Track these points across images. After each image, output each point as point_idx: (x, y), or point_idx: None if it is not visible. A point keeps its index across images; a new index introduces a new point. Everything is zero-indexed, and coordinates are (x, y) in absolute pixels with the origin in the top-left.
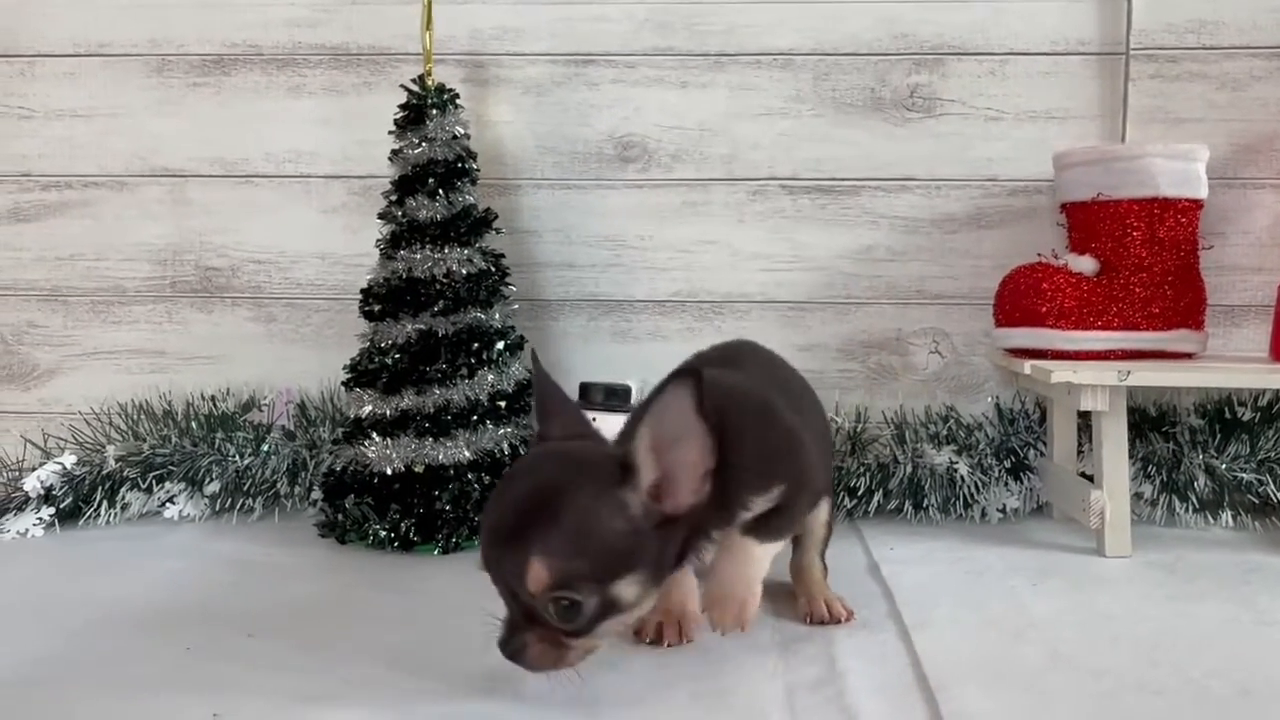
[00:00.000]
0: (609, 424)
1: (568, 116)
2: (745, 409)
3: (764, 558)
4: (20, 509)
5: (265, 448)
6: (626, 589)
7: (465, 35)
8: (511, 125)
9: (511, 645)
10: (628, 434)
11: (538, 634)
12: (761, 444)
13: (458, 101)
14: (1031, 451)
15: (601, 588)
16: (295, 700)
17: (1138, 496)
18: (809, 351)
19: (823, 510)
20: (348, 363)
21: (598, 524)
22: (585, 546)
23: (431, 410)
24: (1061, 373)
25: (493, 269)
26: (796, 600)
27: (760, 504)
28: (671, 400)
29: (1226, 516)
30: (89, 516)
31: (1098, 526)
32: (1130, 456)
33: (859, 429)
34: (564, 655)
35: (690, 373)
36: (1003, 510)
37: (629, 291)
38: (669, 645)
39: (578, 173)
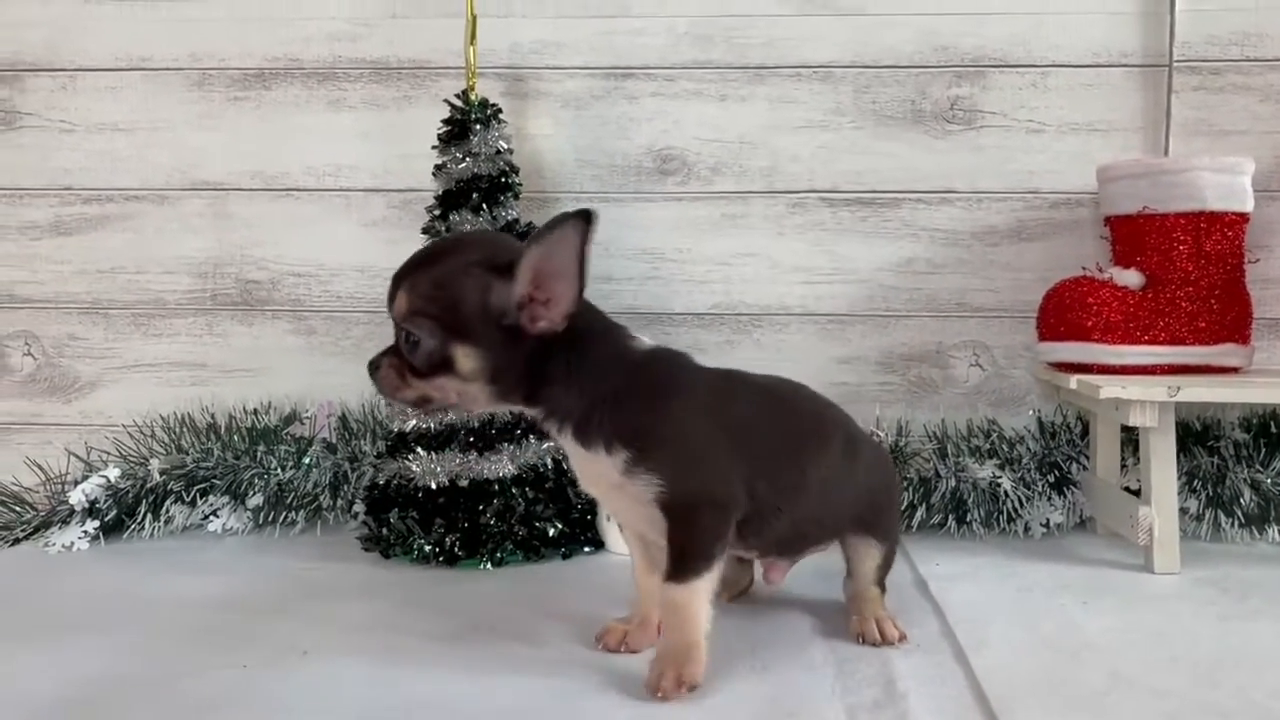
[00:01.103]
0: None
1: (607, 130)
2: (662, 379)
3: (688, 601)
4: (65, 522)
5: (307, 461)
6: (463, 356)
7: (505, 49)
8: (551, 139)
9: (373, 361)
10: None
11: (391, 360)
12: (636, 403)
13: (501, 116)
14: (1074, 466)
15: (444, 338)
16: None
17: (1183, 511)
18: (849, 364)
19: (870, 556)
20: None
21: (458, 287)
22: (442, 297)
23: (476, 425)
24: (1110, 388)
25: None
26: (849, 619)
27: (627, 465)
28: (561, 236)
29: (1273, 531)
30: (133, 529)
31: (1146, 543)
32: (1175, 471)
33: (901, 442)
34: (402, 387)
35: (583, 214)
36: (1046, 525)
37: (667, 304)
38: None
39: (617, 186)
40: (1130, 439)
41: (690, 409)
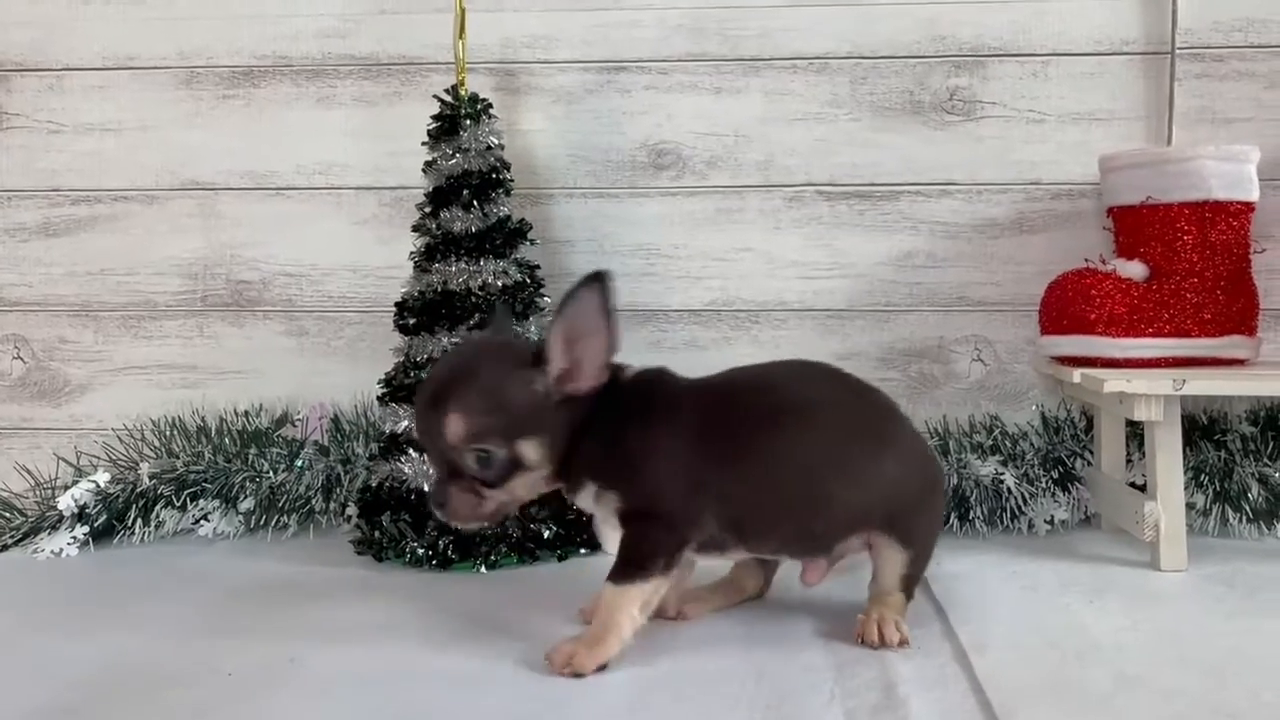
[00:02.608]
0: None
1: (600, 124)
2: (635, 408)
3: (612, 600)
4: (54, 528)
5: (299, 463)
6: (530, 450)
7: (496, 44)
8: (543, 134)
9: (437, 496)
10: (547, 329)
11: (459, 485)
12: (613, 440)
13: (491, 111)
14: (1078, 461)
15: (509, 443)
16: None
17: (1190, 507)
18: (848, 360)
19: (893, 560)
20: (383, 377)
21: (506, 392)
22: (496, 407)
23: None
24: (1115, 382)
25: (528, 281)
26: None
27: (589, 491)
28: (583, 301)
29: None
30: (123, 535)
31: (1152, 539)
32: (1182, 466)
33: None
34: (481, 505)
35: (598, 276)
36: (1050, 522)
37: (664, 301)
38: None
39: (611, 181)
40: (1135, 433)
41: (653, 433)
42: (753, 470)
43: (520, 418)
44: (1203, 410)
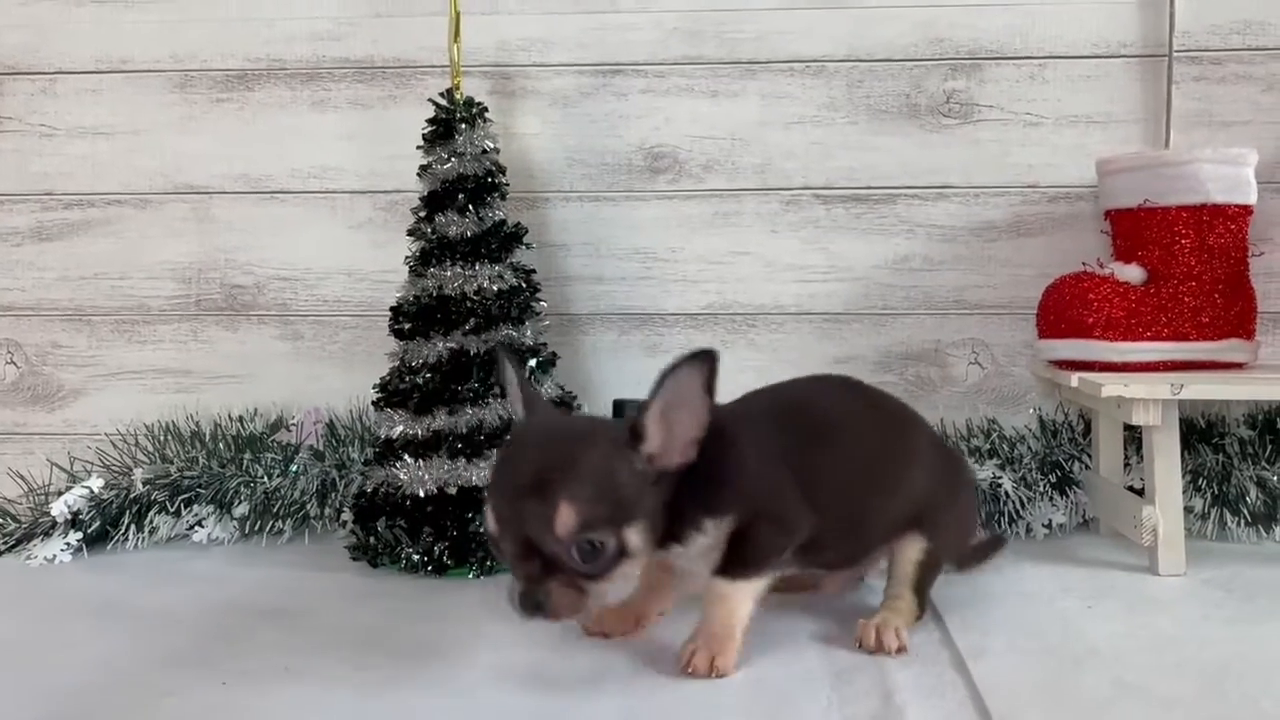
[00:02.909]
0: None
1: (596, 128)
2: (716, 440)
3: (732, 596)
4: (47, 534)
5: (294, 468)
6: (635, 535)
7: (492, 47)
8: (539, 137)
9: (533, 598)
10: (643, 405)
11: (559, 581)
12: (712, 469)
13: (486, 115)
14: (1076, 465)
15: (617, 531)
16: None
17: (1188, 510)
18: (846, 364)
19: (911, 548)
20: (378, 382)
21: (613, 475)
22: (604, 493)
23: (464, 430)
24: (1112, 386)
25: (524, 285)
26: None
27: (711, 529)
28: (684, 377)
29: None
30: (117, 541)
31: (1150, 544)
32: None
33: None
34: (583, 600)
35: (705, 354)
36: (1048, 526)
37: (660, 305)
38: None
39: (607, 185)
40: (1133, 437)
41: (745, 454)
42: (824, 488)
43: (627, 502)
44: (1201, 414)
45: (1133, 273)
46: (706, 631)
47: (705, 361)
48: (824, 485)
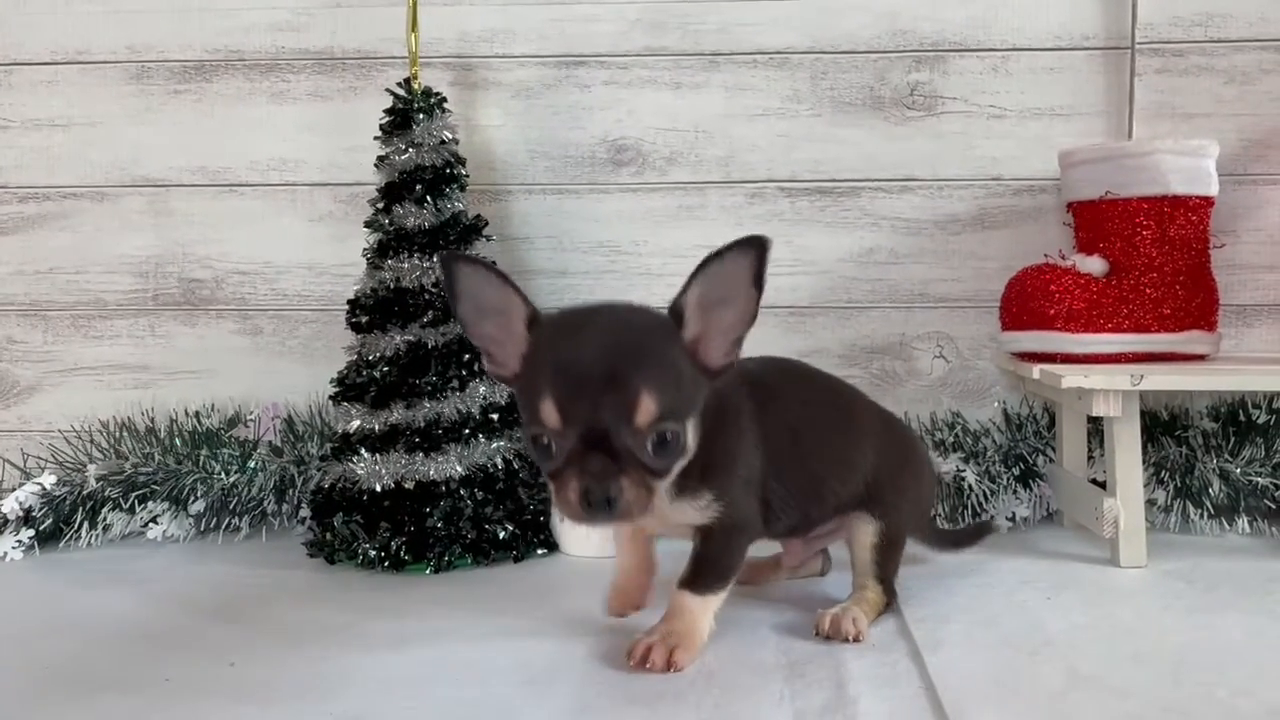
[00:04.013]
0: None
1: (559, 120)
2: (731, 406)
3: (697, 609)
4: None
5: (251, 465)
6: (691, 431)
7: (453, 37)
8: (501, 129)
9: (606, 490)
10: (682, 288)
11: (629, 479)
12: (721, 444)
13: (445, 105)
14: (1040, 458)
15: (683, 423)
16: None
17: (1150, 503)
18: (811, 357)
19: (864, 532)
20: (335, 376)
21: (678, 365)
22: (675, 384)
23: (422, 424)
24: (1072, 378)
25: None
26: None
27: (691, 500)
28: (730, 263)
29: (1242, 522)
30: (69, 538)
31: (1112, 535)
32: (1142, 462)
33: None
34: (649, 498)
35: (755, 241)
36: (1012, 519)
37: (625, 298)
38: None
39: (570, 177)
40: (1097, 430)
41: (742, 440)
42: (786, 465)
43: (690, 394)
44: (1164, 406)
45: (1094, 264)
46: (666, 629)
47: (754, 248)
48: (774, 450)
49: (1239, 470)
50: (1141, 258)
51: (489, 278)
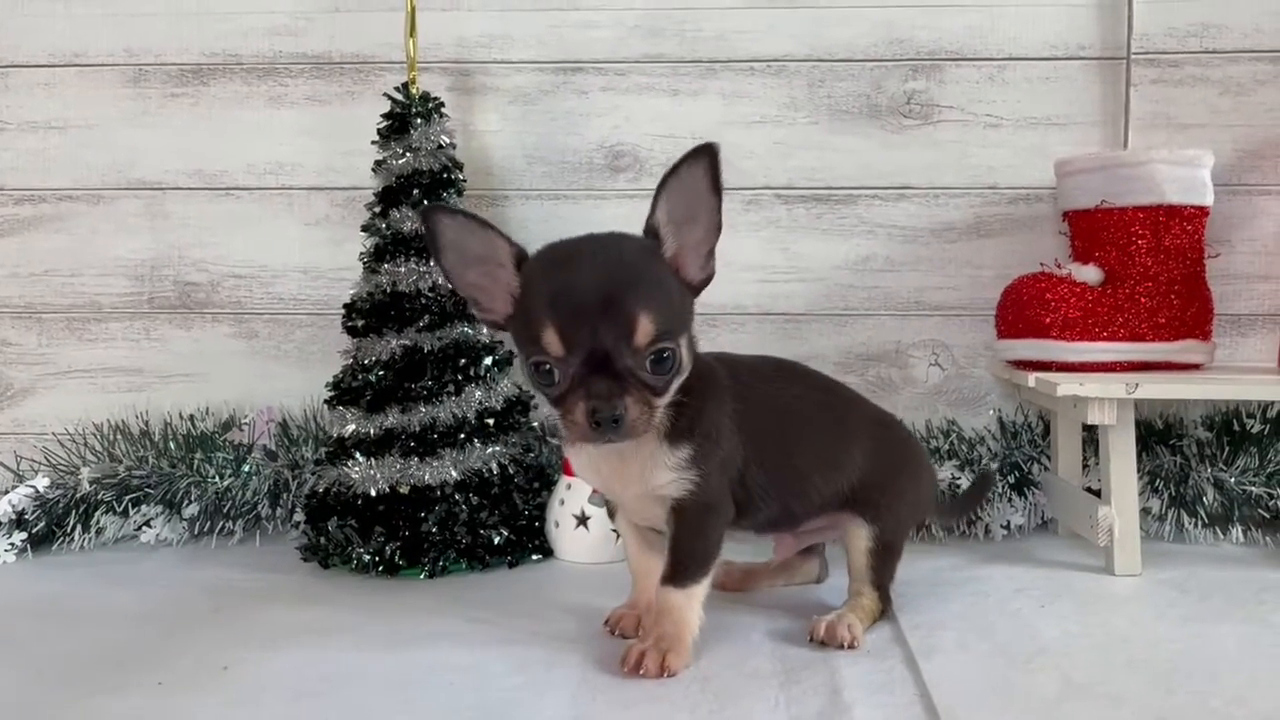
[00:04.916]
0: None
1: (556, 126)
2: (713, 377)
3: (683, 604)
4: None
5: (246, 468)
6: (685, 348)
7: (451, 43)
8: (499, 135)
9: (612, 409)
10: (651, 208)
11: (633, 399)
12: (704, 401)
13: (443, 110)
14: (1035, 466)
15: (677, 341)
16: None
17: (1145, 512)
18: (807, 364)
19: (858, 537)
20: (330, 380)
21: (667, 282)
22: (668, 300)
23: (417, 429)
24: (1068, 386)
25: None
26: None
27: (674, 449)
28: (686, 174)
29: (1236, 532)
30: (62, 541)
31: (1106, 544)
32: (1137, 470)
33: None
34: (650, 416)
35: (705, 148)
36: (1007, 527)
37: None
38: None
39: (567, 183)
40: (1092, 438)
41: (722, 413)
42: (767, 453)
43: (682, 312)
44: (1159, 415)
45: (1090, 273)
46: (657, 633)
47: (705, 155)
48: (755, 435)
49: (1233, 479)
50: (1137, 267)
51: (470, 225)
